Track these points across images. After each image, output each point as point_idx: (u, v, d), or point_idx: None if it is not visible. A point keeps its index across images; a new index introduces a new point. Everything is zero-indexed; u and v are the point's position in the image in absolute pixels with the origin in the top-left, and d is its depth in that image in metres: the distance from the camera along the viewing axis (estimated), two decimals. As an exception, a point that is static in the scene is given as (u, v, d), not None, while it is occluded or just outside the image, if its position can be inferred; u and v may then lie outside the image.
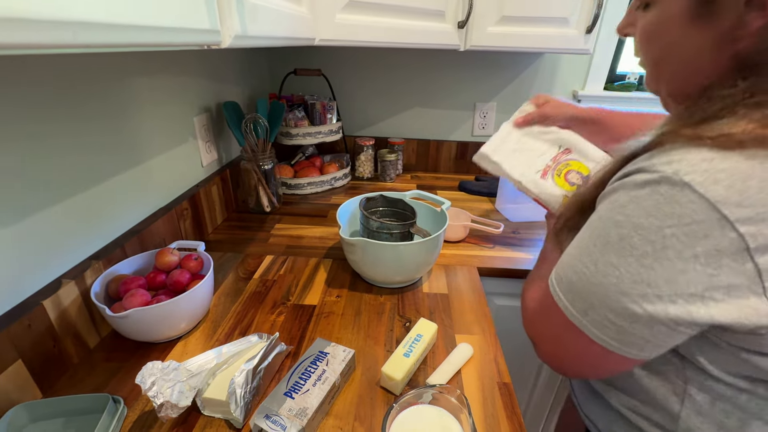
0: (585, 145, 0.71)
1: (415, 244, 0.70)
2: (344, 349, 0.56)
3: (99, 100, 0.62)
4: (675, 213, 0.31)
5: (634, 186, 0.34)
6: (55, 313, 0.53)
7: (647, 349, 0.36)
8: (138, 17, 0.24)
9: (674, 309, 0.32)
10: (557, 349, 0.44)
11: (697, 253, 0.30)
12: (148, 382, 0.45)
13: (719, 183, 0.29)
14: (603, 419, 0.50)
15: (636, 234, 0.33)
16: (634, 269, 0.33)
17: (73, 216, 0.58)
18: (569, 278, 0.39)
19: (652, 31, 0.40)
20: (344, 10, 0.74)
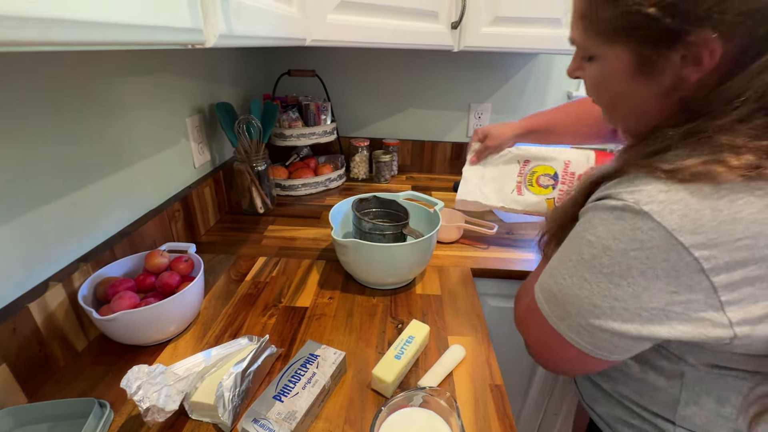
0: (538, 151, 0.78)
1: (408, 245, 0.69)
2: (335, 352, 0.55)
3: (88, 99, 0.61)
4: (637, 238, 0.35)
5: (603, 209, 0.38)
6: (41, 316, 0.53)
7: (617, 353, 0.40)
8: (114, 14, 0.23)
9: (638, 325, 0.37)
10: (542, 348, 0.48)
11: (658, 274, 0.34)
12: (134, 387, 0.44)
13: (674, 213, 0.33)
14: (604, 406, 0.53)
15: (605, 255, 0.37)
16: (604, 285, 0.37)
17: (60, 218, 0.57)
18: (550, 287, 0.43)
19: (599, 82, 0.44)
20: (336, 10, 0.74)
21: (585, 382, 0.57)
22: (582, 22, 0.41)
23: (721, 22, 0.32)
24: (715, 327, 0.34)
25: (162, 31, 0.28)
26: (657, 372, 0.45)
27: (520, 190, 0.79)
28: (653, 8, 0.34)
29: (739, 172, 0.32)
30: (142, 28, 0.26)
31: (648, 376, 0.46)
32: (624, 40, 0.38)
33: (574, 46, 0.45)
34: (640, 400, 0.47)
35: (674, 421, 0.44)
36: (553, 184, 0.75)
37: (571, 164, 0.75)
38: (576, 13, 0.42)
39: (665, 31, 0.34)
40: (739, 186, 0.32)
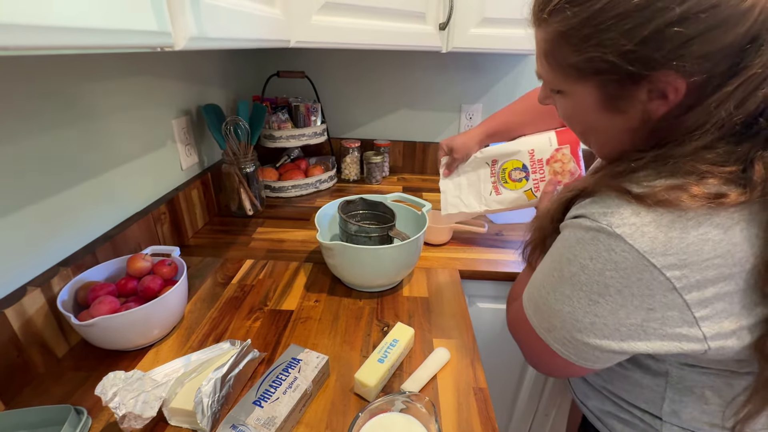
0: (501, 148, 0.80)
1: (394, 248, 0.69)
2: (317, 356, 0.55)
3: (69, 101, 0.60)
4: (612, 259, 0.36)
5: (580, 228, 0.39)
6: (18, 322, 0.52)
7: (600, 363, 0.42)
8: (75, 19, 0.23)
9: (618, 340, 0.38)
10: (532, 353, 0.49)
11: (634, 292, 0.36)
12: (109, 393, 0.44)
13: (645, 235, 0.34)
14: (595, 401, 0.55)
15: (583, 273, 0.39)
16: (584, 302, 0.39)
17: (40, 221, 0.57)
18: (535, 300, 0.45)
19: (570, 114, 0.45)
20: (320, 11, 0.73)
21: (578, 379, 0.59)
22: (547, 60, 0.42)
23: (682, 65, 0.33)
24: (690, 341, 0.36)
25: (128, 35, 0.28)
26: (643, 370, 0.46)
27: (497, 189, 0.81)
28: (614, 56, 0.35)
29: (702, 201, 0.33)
30: (106, 32, 0.26)
31: (634, 374, 0.47)
32: (590, 80, 0.39)
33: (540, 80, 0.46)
34: (627, 396, 0.49)
35: (661, 417, 0.46)
36: (525, 175, 0.77)
37: (536, 152, 0.77)
38: (540, 50, 0.42)
39: (629, 73, 0.36)
40: (703, 212, 0.34)
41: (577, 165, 0.74)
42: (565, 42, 0.38)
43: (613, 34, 0.34)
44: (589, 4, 0.35)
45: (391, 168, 1.43)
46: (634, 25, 0.33)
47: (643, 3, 0.32)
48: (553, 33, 0.39)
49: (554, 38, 0.39)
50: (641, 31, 0.33)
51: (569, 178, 0.74)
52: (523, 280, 0.57)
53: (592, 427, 0.56)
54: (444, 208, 0.87)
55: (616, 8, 0.34)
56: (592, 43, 0.36)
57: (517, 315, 0.50)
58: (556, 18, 0.38)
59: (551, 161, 0.75)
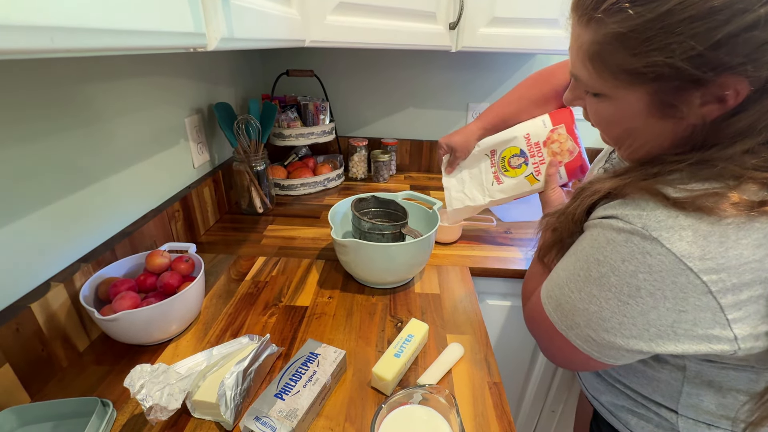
0: (499, 137, 0.81)
1: (407, 245, 0.70)
2: (335, 350, 0.56)
3: (87, 101, 0.61)
4: (647, 262, 0.36)
5: (611, 229, 0.39)
6: (43, 316, 0.53)
7: (622, 361, 0.42)
8: (119, 21, 0.24)
9: (646, 340, 0.38)
10: (551, 348, 0.49)
11: (666, 295, 0.36)
12: (137, 385, 0.45)
13: (683, 239, 0.34)
14: (608, 396, 0.54)
15: (613, 275, 0.38)
16: (613, 303, 0.39)
17: (62, 219, 0.58)
18: (557, 298, 0.45)
19: (609, 118, 0.42)
20: (335, 11, 0.74)
21: (589, 374, 0.59)
22: (591, 63, 0.39)
23: (752, 69, 0.32)
24: (720, 342, 0.36)
25: (165, 36, 0.29)
26: (660, 364, 0.46)
27: (498, 179, 0.82)
28: (680, 61, 0.33)
29: (743, 209, 0.33)
30: (146, 34, 0.27)
31: (651, 368, 0.47)
32: (643, 86, 0.37)
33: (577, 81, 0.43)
34: (642, 390, 0.49)
35: (677, 411, 0.46)
36: (524, 160, 0.78)
37: (531, 136, 0.78)
38: (583, 52, 0.39)
39: (692, 78, 0.34)
40: (742, 219, 0.33)
41: (575, 143, 0.74)
42: (621, 45, 0.35)
43: (682, 38, 0.32)
44: (656, 4, 0.32)
45: (398, 166, 1.44)
46: (707, 28, 0.31)
47: (721, 5, 0.30)
48: (608, 35, 0.36)
49: (608, 40, 0.36)
50: (715, 34, 0.31)
51: (569, 157, 0.75)
52: (534, 277, 0.57)
53: (605, 421, 0.56)
54: (449, 204, 0.87)
55: (689, 10, 0.31)
56: (656, 46, 0.33)
57: (535, 311, 0.50)
58: (614, 18, 0.35)
59: (548, 143, 0.76)
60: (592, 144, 1.33)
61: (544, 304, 0.47)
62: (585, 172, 0.74)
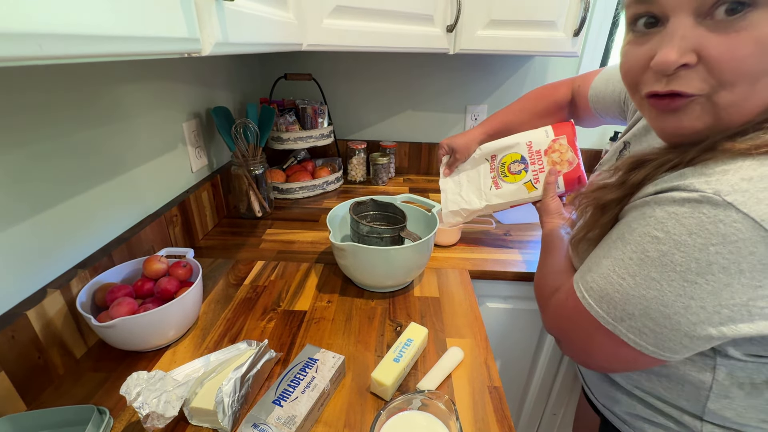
0: (499, 143, 0.81)
1: (405, 248, 0.70)
2: (334, 356, 0.56)
3: (84, 106, 0.61)
4: (719, 232, 0.32)
5: (672, 202, 0.35)
6: (39, 323, 0.53)
7: (682, 353, 0.38)
8: (109, 27, 0.23)
9: (716, 323, 0.34)
10: (588, 348, 0.45)
11: (743, 268, 0.32)
12: (133, 393, 0.44)
13: (762, 202, 0.31)
14: (624, 405, 0.51)
15: (678, 251, 0.34)
16: (678, 284, 0.35)
17: (58, 225, 0.57)
18: (602, 288, 0.41)
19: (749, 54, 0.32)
20: (331, 15, 0.74)
21: (601, 382, 0.55)
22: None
23: None
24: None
25: (158, 41, 0.28)
26: (688, 365, 0.43)
27: (497, 183, 0.82)
28: None
29: None
30: (138, 40, 0.26)
31: (677, 370, 0.44)
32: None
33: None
34: (665, 395, 0.46)
35: (702, 416, 0.44)
36: (524, 167, 0.78)
37: (533, 143, 0.78)
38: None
39: None
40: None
41: (575, 154, 0.75)
42: None
43: None
44: None
45: (397, 169, 1.43)
46: None
47: None
48: None
49: None
50: None
51: (568, 167, 0.75)
52: (552, 274, 0.54)
53: (616, 430, 0.54)
54: (444, 206, 0.87)
55: None
56: None
57: (566, 308, 0.46)
58: None
59: (549, 152, 0.76)
60: (591, 145, 1.34)
61: (583, 298, 0.43)
62: (583, 183, 0.75)
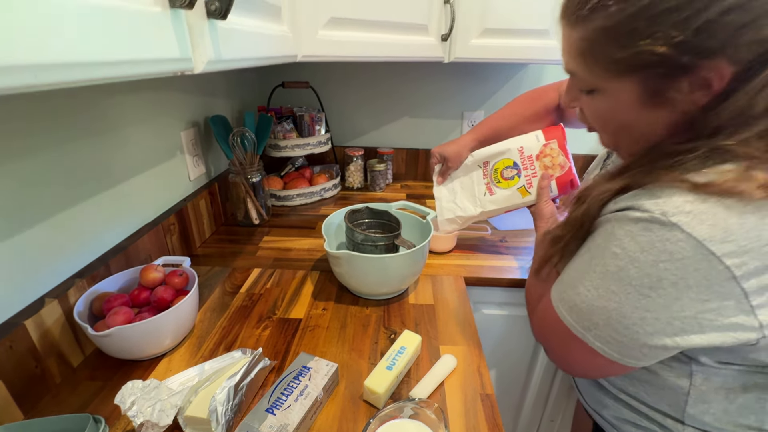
0: (491, 149, 0.82)
1: (400, 256, 0.70)
2: (327, 364, 0.56)
3: (82, 116, 0.62)
4: (667, 250, 0.35)
5: (627, 220, 0.38)
6: (37, 333, 0.53)
7: (645, 360, 0.41)
8: (101, 54, 0.24)
9: (670, 334, 0.37)
10: (565, 355, 0.48)
11: (690, 284, 0.35)
12: (128, 402, 0.45)
13: (704, 223, 0.34)
14: (611, 410, 0.53)
15: (633, 267, 0.37)
16: (634, 297, 0.38)
17: (56, 235, 0.58)
18: (572, 299, 0.44)
19: (604, 114, 0.44)
20: (326, 26, 0.75)
21: (590, 387, 0.57)
22: (583, 58, 0.41)
23: (734, 52, 0.33)
24: (745, 331, 0.35)
25: (151, 63, 0.29)
26: (666, 371, 0.45)
27: (490, 190, 0.82)
28: (665, 47, 0.34)
29: (765, 190, 0.33)
30: (132, 63, 0.27)
31: (657, 376, 0.46)
32: (632, 76, 0.38)
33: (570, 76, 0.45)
34: (648, 400, 0.48)
35: (683, 420, 0.46)
36: (517, 172, 0.79)
37: (525, 149, 0.79)
38: (575, 49, 0.41)
39: (679, 65, 0.35)
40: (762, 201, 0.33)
41: (566, 158, 0.76)
42: (609, 38, 0.37)
43: (664, 27, 0.34)
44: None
45: (395, 175, 1.44)
46: (686, 16, 0.33)
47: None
48: (595, 30, 0.38)
49: (596, 35, 0.38)
50: (694, 21, 0.33)
51: (560, 171, 0.76)
52: (537, 285, 0.56)
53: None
54: (440, 214, 0.88)
55: (667, 2, 0.33)
56: (641, 36, 0.35)
57: (546, 318, 0.48)
58: (599, 14, 0.37)
59: (540, 156, 0.77)
60: (588, 150, 1.34)
61: (557, 308, 0.45)
62: (575, 187, 0.75)
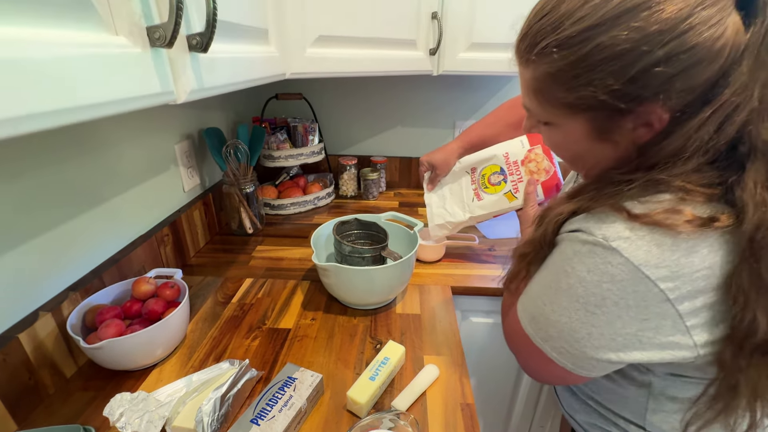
0: (478, 155, 0.85)
1: (386, 268, 0.72)
2: (312, 374, 0.58)
3: (75, 135, 0.64)
4: (609, 272, 0.38)
5: (576, 241, 0.41)
6: (31, 345, 0.55)
7: (596, 372, 0.44)
8: (86, 98, 0.26)
9: (614, 349, 0.40)
10: (529, 362, 0.51)
11: (629, 304, 0.38)
12: (117, 414, 0.47)
13: (640, 249, 0.37)
14: (582, 415, 0.57)
15: (580, 285, 0.41)
16: (581, 313, 0.41)
17: (51, 249, 0.60)
18: (531, 311, 0.47)
19: (560, 143, 0.48)
20: (315, 44, 0.77)
21: (565, 393, 0.61)
22: (535, 96, 0.43)
23: (666, 99, 0.36)
24: (682, 349, 0.39)
25: (134, 100, 0.31)
26: (627, 381, 0.49)
27: (478, 195, 0.85)
28: (603, 94, 0.38)
29: (696, 224, 0.36)
30: (115, 103, 0.30)
31: (619, 385, 0.50)
32: (580, 115, 0.41)
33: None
34: (613, 407, 0.52)
35: (644, 427, 0.48)
36: (503, 178, 0.82)
37: (510, 154, 0.81)
38: (528, 87, 0.44)
39: (617, 109, 0.38)
40: (693, 232, 0.36)
41: (551, 162, 0.78)
42: (555, 82, 0.40)
43: (602, 75, 0.37)
44: (576, 48, 0.37)
45: (388, 183, 1.46)
46: (620, 66, 0.36)
47: (628, 47, 0.35)
48: (543, 74, 0.41)
49: (543, 78, 0.41)
50: (628, 71, 0.36)
51: (545, 176, 0.78)
52: (507, 295, 0.58)
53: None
54: (430, 220, 0.90)
55: (603, 52, 0.36)
56: (582, 83, 0.38)
57: (512, 326, 0.52)
58: (544, 60, 0.40)
59: (526, 161, 0.79)
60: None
61: (520, 318, 0.49)
62: (560, 190, 0.77)
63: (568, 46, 0.37)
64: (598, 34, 0.36)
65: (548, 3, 0.39)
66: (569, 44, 0.37)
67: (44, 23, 0.24)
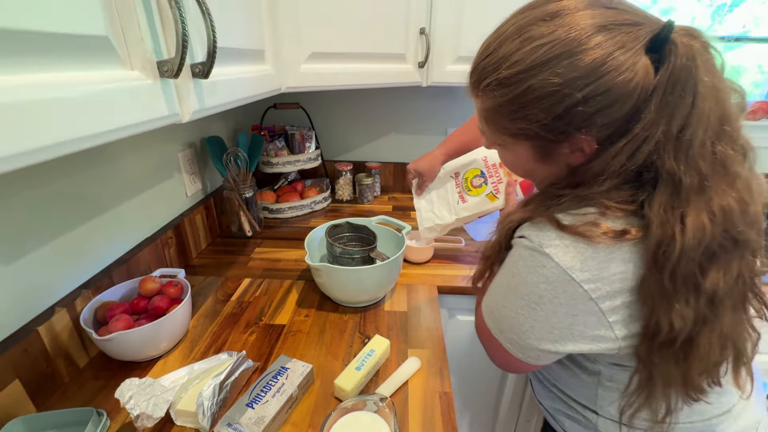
0: (461, 160, 0.91)
1: (374, 268, 0.78)
2: (303, 365, 0.63)
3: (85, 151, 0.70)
4: (544, 274, 0.45)
5: (521, 246, 0.48)
6: (48, 337, 0.61)
7: (542, 361, 0.51)
8: (99, 127, 0.32)
9: (551, 341, 0.47)
10: (492, 351, 0.58)
11: (561, 302, 0.45)
12: (126, 396, 0.52)
13: (567, 254, 0.43)
14: (548, 400, 0.63)
15: (524, 285, 0.47)
16: (525, 310, 0.47)
17: (67, 251, 0.66)
18: (490, 306, 0.54)
19: (512, 162, 0.55)
20: (308, 60, 0.83)
21: (534, 380, 0.68)
22: (486, 123, 0.50)
23: (589, 131, 0.43)
24: (606, 341, 0.45)
25: (146, 124, 0.37)
26: (580, 370, 0.55)
27: (463, 198, 0.91)
28: (537, 127, 0.44)
29: (610, 236, 0.42)
30: (129, 127, 0.35)
31: (574, 374, 0.56)
32: (524, 141, 0.48)
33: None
34: (571, 393, 0.58)
35: (597, 412, 0.54)
36: (484, 180, 0.88)
37: (489, 158, 0.88)
38: (479, 115, 0.50)
39: (551, 139, 0.45)
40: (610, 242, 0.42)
41: None
42: (499, 113, 0.47)
43: (535, 111, 0.43)
44: (512, 87, 0.43)
45: (382, 188, 1.52)
46: (549, 105, 0.42)
47: (553, 90, 0.41)
48: (488, 105, 0.47)
49: (490, 109, 0.47)
50: (556, 109, 0.42)
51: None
52: (476, 292, 0.64)
53: (548, 425, 0.64)
54: (420, 224, 0.96)
55: (534, 93, 0.42)
56: (520, 116, 0.44)
57: (479, 320, 0.58)
58: (488, 95, 0.46)
59: (503, 164, 0.85)
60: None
61: (483, 313, 0.55)
62: None
63: (506, 86, 0.43)
64: (529, 77, 0.42)
65: (491, 44, 0.45)
66: (506, 84, 0.43)
67: (75, 67, 0.29)
